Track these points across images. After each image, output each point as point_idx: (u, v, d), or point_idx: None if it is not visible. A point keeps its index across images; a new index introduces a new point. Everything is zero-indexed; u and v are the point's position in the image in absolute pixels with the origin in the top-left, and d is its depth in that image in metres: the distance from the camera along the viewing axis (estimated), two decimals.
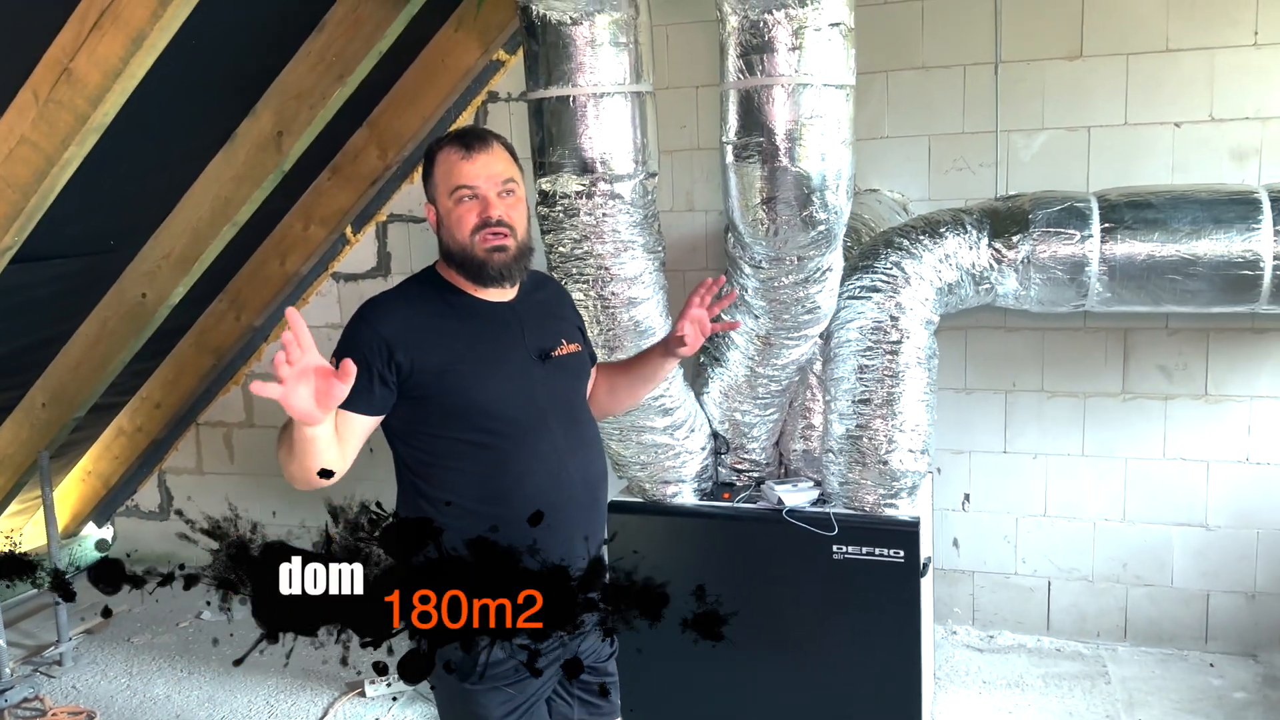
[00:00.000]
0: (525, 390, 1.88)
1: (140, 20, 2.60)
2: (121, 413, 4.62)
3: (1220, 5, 3.30)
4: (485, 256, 1.84)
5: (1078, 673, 3.55)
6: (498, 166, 1.85)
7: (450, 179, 1.84)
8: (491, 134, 1.90)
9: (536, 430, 1.87)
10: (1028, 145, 3.53)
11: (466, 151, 1.83)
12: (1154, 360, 3.54)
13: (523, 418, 1.86)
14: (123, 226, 3.63)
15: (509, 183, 1.86)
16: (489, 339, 1.89)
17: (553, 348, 1.95)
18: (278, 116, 3.57)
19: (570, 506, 1.89)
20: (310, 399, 1.55)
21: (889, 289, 2.92)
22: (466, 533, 1.84)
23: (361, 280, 4.44)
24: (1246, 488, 3.52)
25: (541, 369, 1.92)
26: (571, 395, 1.99)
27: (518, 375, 1.89)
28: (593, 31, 2.54)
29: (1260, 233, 2.76)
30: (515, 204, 1.87)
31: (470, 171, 1.83)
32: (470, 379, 1.83)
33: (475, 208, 1.83)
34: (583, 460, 1.94)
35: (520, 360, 1.90)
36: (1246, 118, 3.34)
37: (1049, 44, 3.46)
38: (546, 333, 1.96)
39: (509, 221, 1.84)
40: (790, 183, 2.52)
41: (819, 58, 2.42)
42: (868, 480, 2.97)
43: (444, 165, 1.86)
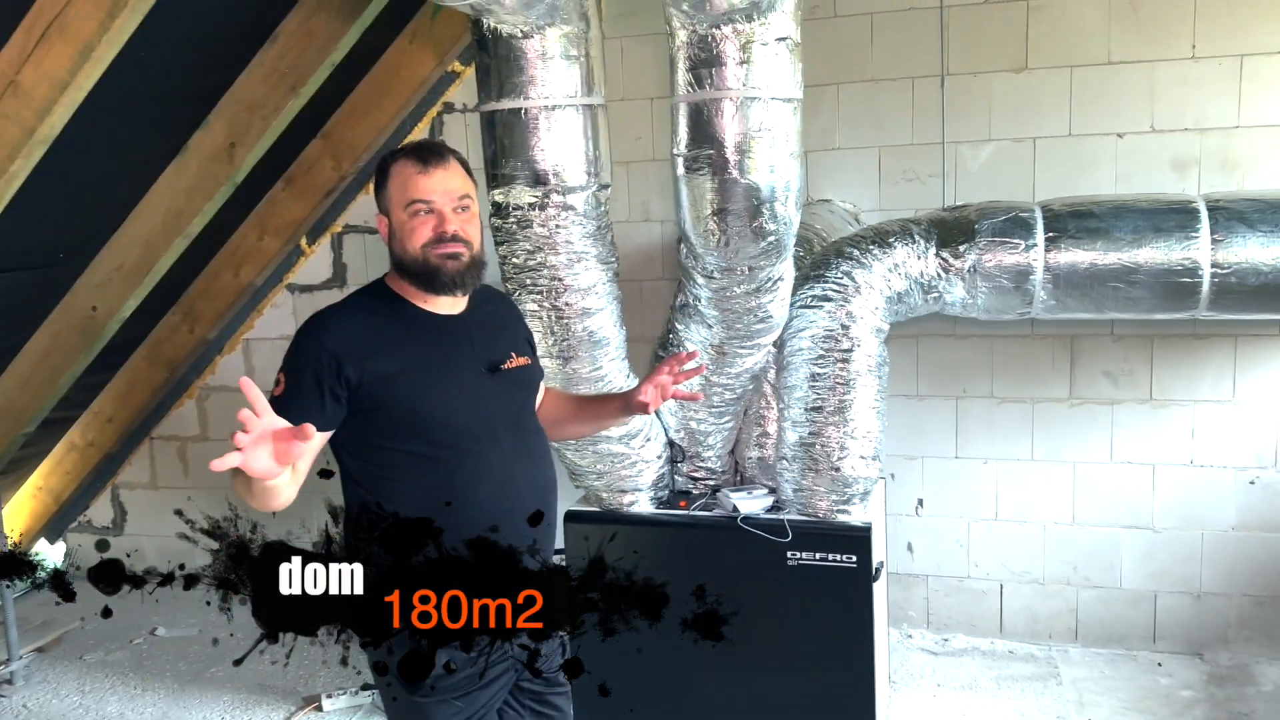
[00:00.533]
0: (474, 402, 1.89)
1: (88, 32, 2.59)
2: (73, 427, 4.57)
3: (1160, 19, 3.38)
4: (439, 263, 1.84)
5: (1030, 674, 3.61)
6: (454, 182, 1.86)
7: (406, 192, 1.84)
8: (448, 149, 1.91)
9: (485, 442, 1.88)
10: (975, 156, 3.60)
11: (423, 166, 1.84)
12: (1100, 366, 3.61)
13: (471, 429, 1.87)
14: (72, 239, 3.60)
15: (464, 198, 1.87)
16: (438, 350, 1.89)
17: (502, 360, 1.96)
18: (230, 128, 3.56)
19: (516, 516, 1.89)
20: (269, 459, 1.56)
21: (840, 298, 2.96)
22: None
23: (317, 291, 4.42)
24: (1191, 490, 3.60)
25: (490, 381, 1.93)
26: (520, 408, 2.00)
27: (467, 387, 1.89)
28: (544, 45, 2.56)
29: (1198, 241, 2.83)
30: (470, 219, 1.89)
31: (426, 186, 1.83)
32: (418, 390, 1.84)
33: (430, 221, 1.84)
34: (531, 471, 1.95)
35: (469, 372, 1.91)
36: (1186, 129, 3.42)
37: (994, 57, 3.53)
38: (496, 345, 1.98)
39: (464, 236, 1.86)
40: (740, 194, 2.55)
41: (767, 72, 2.45)
42: (821, 487, 3.00)
43: (399, 178, 1.86)
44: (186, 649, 4.13)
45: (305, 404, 1.77)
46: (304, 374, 1.80)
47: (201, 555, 5.00)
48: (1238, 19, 3.31)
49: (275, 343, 4.51)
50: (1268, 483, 3.53)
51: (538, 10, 2.45)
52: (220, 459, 1.50)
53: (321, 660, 4.07)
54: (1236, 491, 3.56)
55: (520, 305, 2.76)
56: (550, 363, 2.83)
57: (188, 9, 2.93)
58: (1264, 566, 3.57)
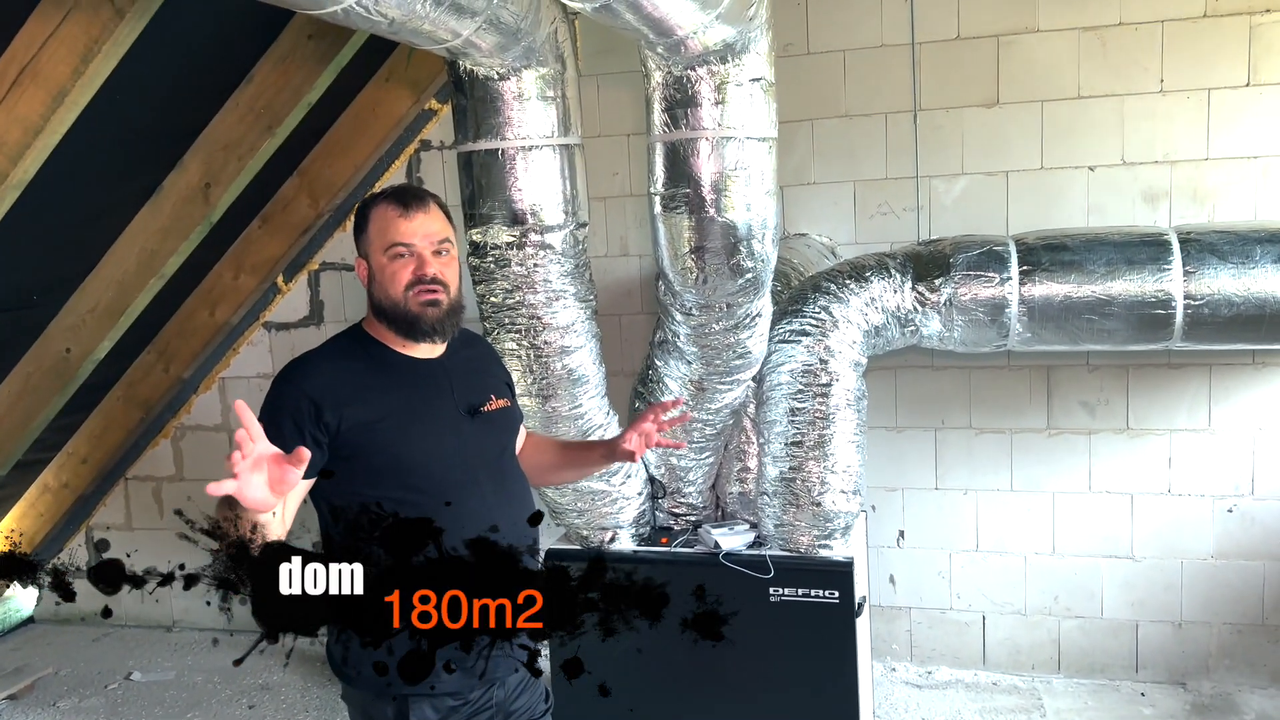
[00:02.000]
0: (454, 446, 1.88)
1: (61, 77, 2.59)
2: (47, 469, 4.51)
3: (1128, 54, 3.43)
4: (419, 311, 1.84)
5: (1014, 706, 3.60)
6: (434, 226, 1.86)
7: (386, 236, 1.84)
8: (428, 194, 1.91)
9: (465, 486, 1.86)
10: (949, 190, 3.63)
11: (404, 210, 1.84)
12: (1077, 396, 3.64)
13: (450, 474, 1.86)
14: (45, 281, 3.57)
15: (444, 242, 1.87)
16: (417, 395, 1.88)
17: (481, 403, 1.96)
18: (206, 168, 3.55)
19: (494, 564, 1.88)
20: (264, 487, 1.52)
21: (818, 332, 2.97)
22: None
23: (294, 329, 4.40)
24: (1169, 519, 3.61)
25: (470, 425, 1.92)
26: (500, 451, 1.99)
27: (446, 431, 1.88)
28: (520, 86, 2.57)
29: (1171, 273, 2.86)
30: (449, 263, 1.89)
31: (407, 229, 1.83)
32: (397, 435, 1.82)
33: (410, 264, 1.84)
34: (512, 516, 1.93)
35: (449, 416, 1.90)
36: (1156, 161, 3.47)
37: (966, 92, 3.57)
38: (475, 388, 1.97)
39: (443, 279, 1.85)
40: (717, 232, 2.57)
41: (742, 112, 2.48)
42: (802, 522, 3.00)
43: (380, 221, 1.86)
44: (163, 694, 4.06)
45: (285, 450, 1.76)
46: (283, 421, 1.78)
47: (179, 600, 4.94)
48: (1204, 53, 3.37)
49: (252, 381, 4.48)
50: (1245, 511, 3.55)
51: (514, 53, 2.47)
52: (216, 483, 1.46)
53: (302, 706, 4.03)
54: (1214, 520, 3.58)
55: (498, 344, 2.75)
56: (529, 401, 2.82)
57: (162, 53, 2.92)
58: (1243, 594, 3.59)
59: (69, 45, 2.55)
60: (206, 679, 4.18)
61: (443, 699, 1.87)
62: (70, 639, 4.68)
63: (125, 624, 4.79)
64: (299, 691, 4.01)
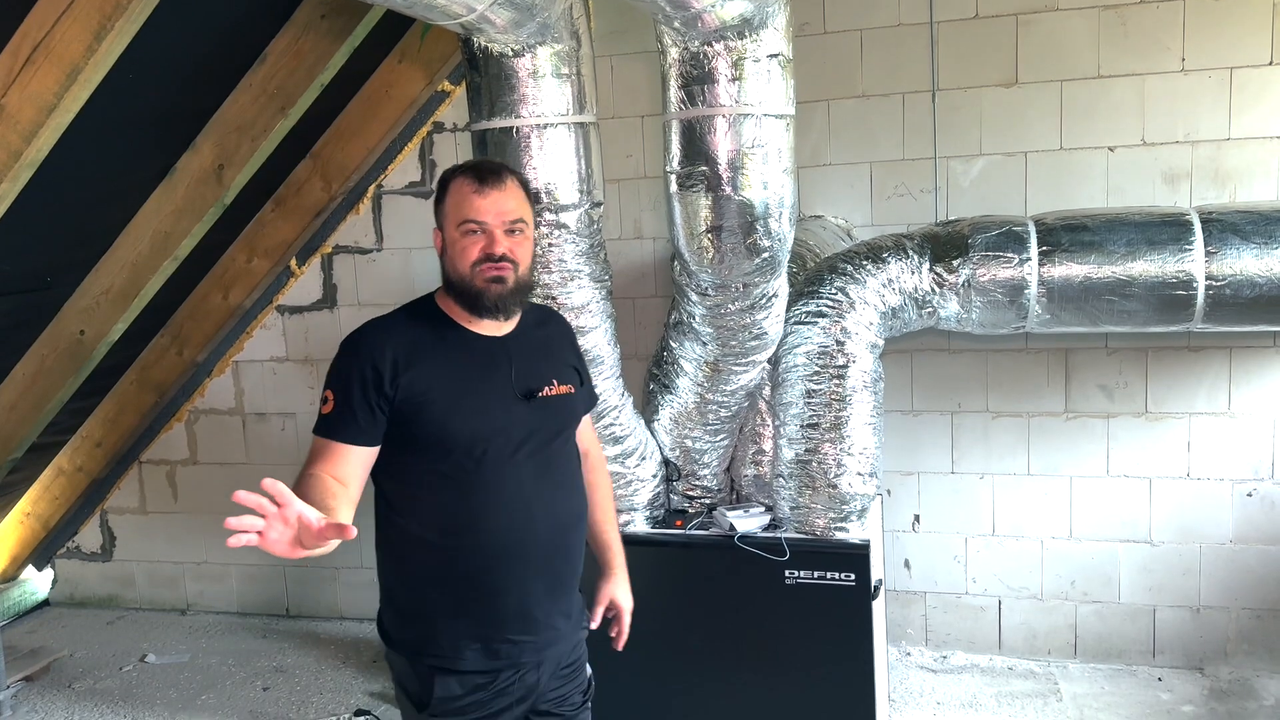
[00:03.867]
0: (500, 427, 1.86)
1: (75, 55, 2.57)
2: (61, 452, 4.52)
3: (1149, 32, 3.39)
4: (483, 286, 1.84)
5: (1030, 691, 3.58)
6: (508, 204, 1.85)
7: (460, 211, 1.85)
8: (507, 169, 1.90)
9: (504, 468, 1.86)
10: (966, 171, 3.59)
11: (479, 185, 1.84)
12: (1095, 380, 3.60)
13: (492, 454, 1.85)
14: (60, 263, 3.57)
15: (517, 221, 1.86)
16: (473, 372, 1.88)
17: (539, 387, 1.92)
18: (219, 149, 3.54)
19: (530, 547, 1.87)
20: (286, 544, 1.44)
21: (834, 314, 2.95)
22: (427, 563, 1.87)
23: (306, 313, 4.40)
24: (1188, 503, 3.58)
25: (523, 408, 1.89)
26: (552, 437, 1.94)
27: (495, 411, 1.87)
28: (535, 64, 2.55)
29: (1193, 253, 2.82)
30: (521, 241, 1.87)
31: (481, 206, 1.83)
32: (447, 410, 1.83)
33: (480, 242, 1.84)
34: (551, 503, 1.91)
35: (501, 397, 1.88)
36: (1177, 141, 3.43)
37: (984, 72, 3.53)
38: (536, 371, 1.93)
39: (512, 257, 1.85)
40: (734, 211, 2.54)
41: (759, 88, 2.45)
42: (818, 504, 2.98)
43: (455, 195, 1.86)
44: (177, 676, 4.07)
45: (356, 420, 1.80)
46: (351, 389, 1.81)
47: (193, 583, 4.99)
48: (1227, 31, 3.33)
49: (265, 364, 4.48)
50: (1265, 495, 3.52)
51: (528, 29, 2.44)
52: (235, 538, 1.38)
53: (317, 689, 4.05)
54: (1234, 504, 3.54)
55: None
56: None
57: (175, 30, 2.91)
58: (1262, 579, 3.56)
59: (82, 22, 2.53)
60: (221, 661, 4.19)
61: (470, 676, 1.88)
62: (85, 622, 4.69)
63: (139, 607, 4.80)
64: (313, 674, 4.02)
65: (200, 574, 4.72)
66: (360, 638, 4.35)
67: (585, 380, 2.08)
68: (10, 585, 4.81)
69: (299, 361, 4.43)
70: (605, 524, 2.19)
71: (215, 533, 4.62)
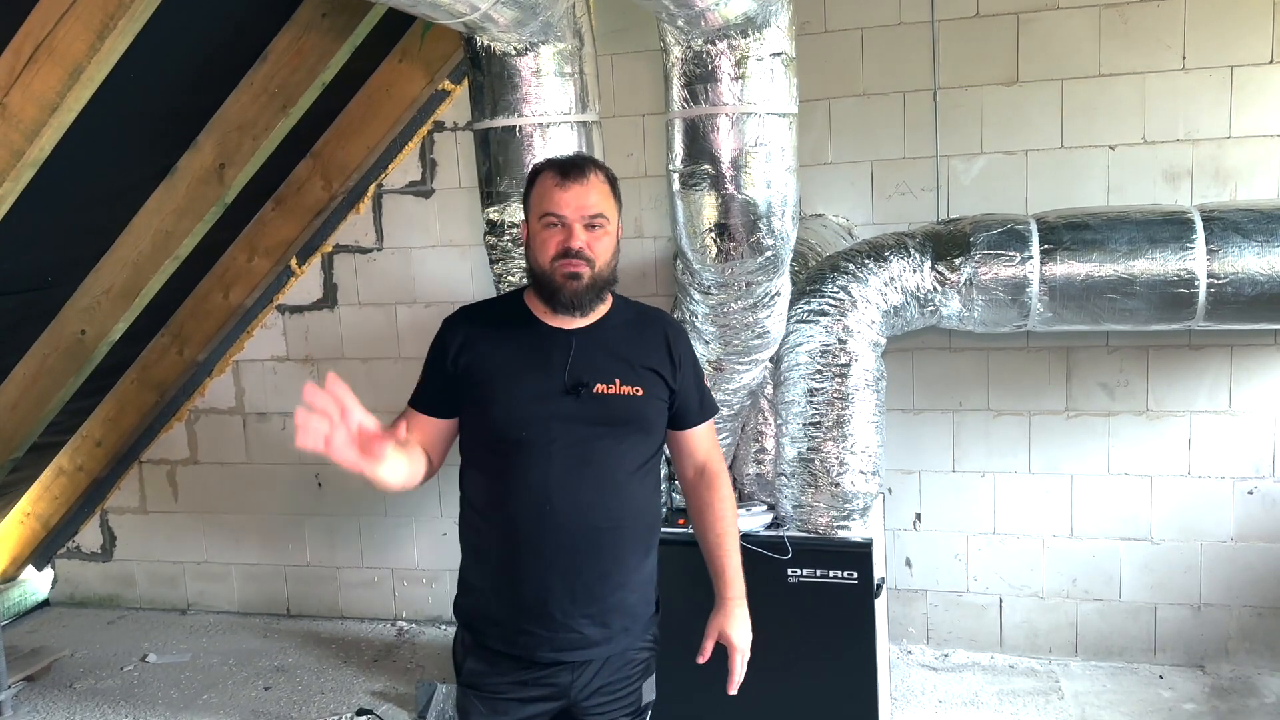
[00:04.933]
0: (539, 416, 1.86)
1: (77, 54, 2.57)
2: (61, 452, 4.51)
3: (1150, 31, 3.40)
4: (561, 283, 1.86)
5: (1031, 689, 3.59)
6: (590, 199, 1.85)
7: (542, 204, 1.87)
8: (592, 163, 1.91)
9: (532, 458, 1.86)
10: (967, 169, 3.60)
11: (561, 180, 1.86)
12: (1096, 378, 3.61)
13: (524, 442, 1.86)
14: (61, 262, 3.56)
15: (598, 217, 1.86)
16: (529, 360, 1.90)
17: (593, 383, 1.88)
18: (220, 148, 3.54)
19: (550, 542, 1.86)
20: (351, 450, 1.57)
21: (836, 312, 2.95)
22: (471, 537, 1.99)
23: (307, 312, 4.39)
24: (1189, 501, 3.59)
25: (570, 402, 1.87)
26: (600, 435, 1.89)
27: (535, 400, 1.87)
28: (538, 62, 2.54)
29: (1194, 252, 2.83)
30: (601, 236, 1.87)
31: (562, 200, 1.85)
32: (492, 394, 1.89)
33: (558, 235, 1.85)
34: (579, 501, 1.86)
35: (542, 388, 1.88)
36: (1178, 140, 3.43)
37: (985, 70, 3.54)
38: (598, 367, 1.90)
39: (589, 254, 1.85)
40: (737, 209, 2.54)
41: (762, 87, 2.45)
42: (820, 503, 2.98)
43: (540, 188, 1.89)
44: (179, 676, 4.07)
45: (428, 391, 1.96)
46: (431, 362, 1.96)
47: (193, 583, 4.98)
48: (1227, 30, 3.33)
49: (266, 364, 4.48)
50: (1266, 493, 3.52)
51: (531, 28, 2.44)
52: (307, 428, 1.50)
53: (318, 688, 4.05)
54: (1235, 502, 3.55)
55: None
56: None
57: (177, 29, 2.91)
58: (1263, 577, 3.56)
59: (85, 21, 2.53)
60: (222, 660, 4.19)
61: (498, 657, 1.93)
62: (85, 622, 4.69)
63: (140, 607, 4.80)
64: (314, 674, 4.02)
65: (201, 573, 4.71)
66: (361, 637, 4.35)
67: (681, 389, 2.00)
68: (10, 585, 4.80)
69: (299, 361, 4.43)
70: (720, 549, 2.11)
71: (216, 532, 4.65)
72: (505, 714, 1.93)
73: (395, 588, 4.45)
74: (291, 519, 4.53)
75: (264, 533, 4.59)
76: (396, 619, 4.47)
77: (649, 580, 2.03)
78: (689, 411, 2.04)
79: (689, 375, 2.03)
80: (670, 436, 2.07)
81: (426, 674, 3.92)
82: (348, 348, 4.36)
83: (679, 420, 2.04)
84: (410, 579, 4.44)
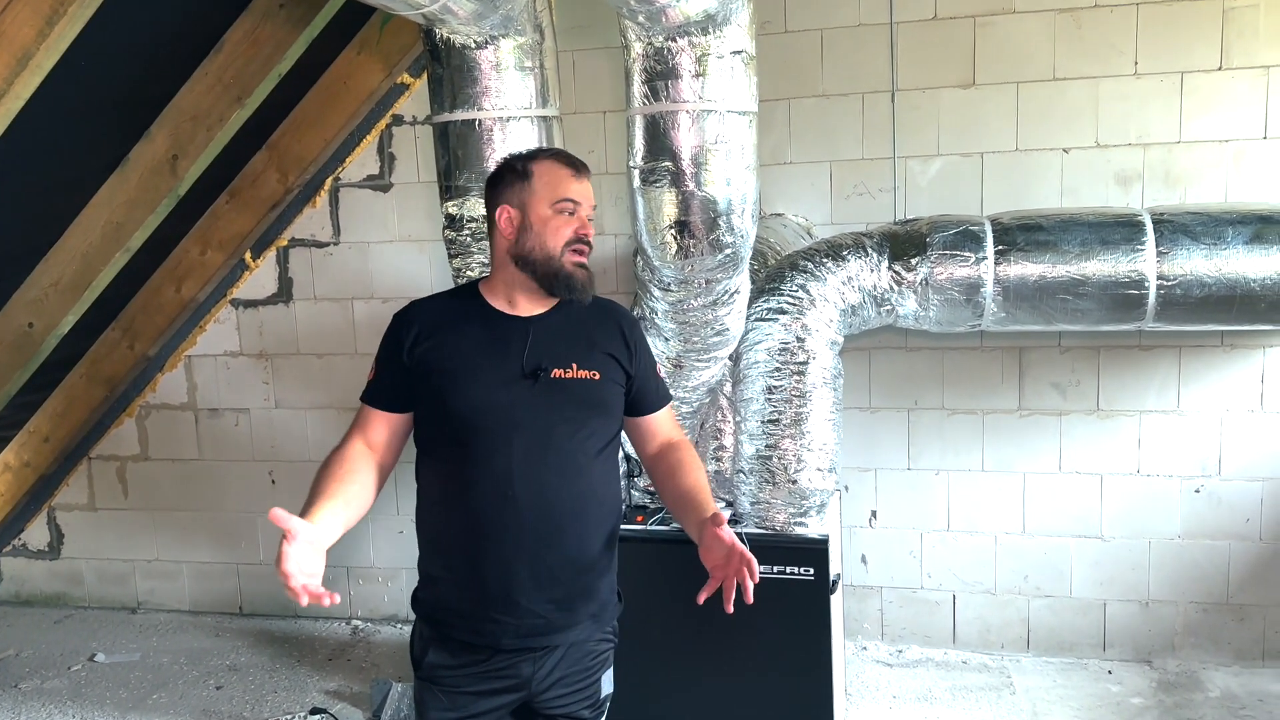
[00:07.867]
0: (500, 404, 1.88)
1: (25, 40, 2.52)
2: (7, 448, 4.41)
3: (1104, 36, 3.45)
4: (571, 270, 1.92)
5: (984, 684, 3.63)
6: (591, 194, 1.99)
7: (557, 190, 1.93)
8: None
9: (494, 444, 1.87)
10: (924, 171, 3.63)
11: (575, 171, 1.96)
12: (1048, 378, 3.66)
13: (485, 429, 1.87)
14: (7, 253, 3.49)
15: (594, 209, 2.00)
16: (486, 348, 1.91)
17: (550, 368, 1.91)
18: (173, 139, 3.48)
19: (510, 528, 1.87)
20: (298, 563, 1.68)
21: (795, 311, 2.96)
22: (431, 529, 1.98)
23: (261, 307, 4.34)
24: (1138, 499, 3.65)
25: (528, 387, 1.89)
26: (560, 420, 1.91)
27: (495, 387, 1.88)
28: (498, 56, 2.54)
29: (1144, 253, 2.88)
30: (592, 233, 1.99)
31: (578, 189, 1.95)
32: (450, 384, 1.89)
33: (574, 223, 1.93)
34: (542, 487, 1.88)
35: (502, 374, 1.90)
36: (1129, 144, 3.49)
37: (943, 73, 3.57)
38: (555, 352, 1.93)
39: (592, 244, 1.97)
40: (697, 207, 2.55)
41: (722, 85, 2.46)
42: (778, 499, 3.00)
43: (549, 175, 1.94)
44: (128, 675, 4.00)
45: (383, 385, 1.96)
46: (384, 356, 1.97)
47: (143, 581, 4.91)
48: (1178, 37, 3.39)
49: (219, 359, 4.41)
50: (1212, 491, 3.59)
51: (491, 21, 2.43)
52: (305, 593, 1.65)
53: (271, 687, 4.00)
54: (1182, 500, 3.62)
55: None
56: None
57: (130, 17, 2.86)
58: (1209, 574, 3.63)
59: (34, 7, 2.48)
60: (173, 660, 4.12)
61: (460, 648, 1.93)
62: (32, 620, 4.59)
63: (88, 606, 4.71)
64: (267, 672, 3.97)
65: (151, 571, 4.64)
66: (315, 635, 4.30)
67: (639, 374, 2.04)
68: None
69: (253, 356, 4.37)
70: (700, 492, 1.99)
71: (166, 529, 4.57)
72: (465, 707, 1.93)
73: (350, 586, 4.41)
74: (244, 516, 4.47)
75: (216, 530, 4.52)
76: (351, 618, 4.43)
77: (611, 565, 2.05)
78: (647, 394, 2.09)
79: (645, 361, 2.08)
80: (633, 424, 2.10)
81: (381, 672, 3.89)
82: (303, 343, 4.31)
83: (639, 405, 2.07)
84: (366, 577, 4.40)
